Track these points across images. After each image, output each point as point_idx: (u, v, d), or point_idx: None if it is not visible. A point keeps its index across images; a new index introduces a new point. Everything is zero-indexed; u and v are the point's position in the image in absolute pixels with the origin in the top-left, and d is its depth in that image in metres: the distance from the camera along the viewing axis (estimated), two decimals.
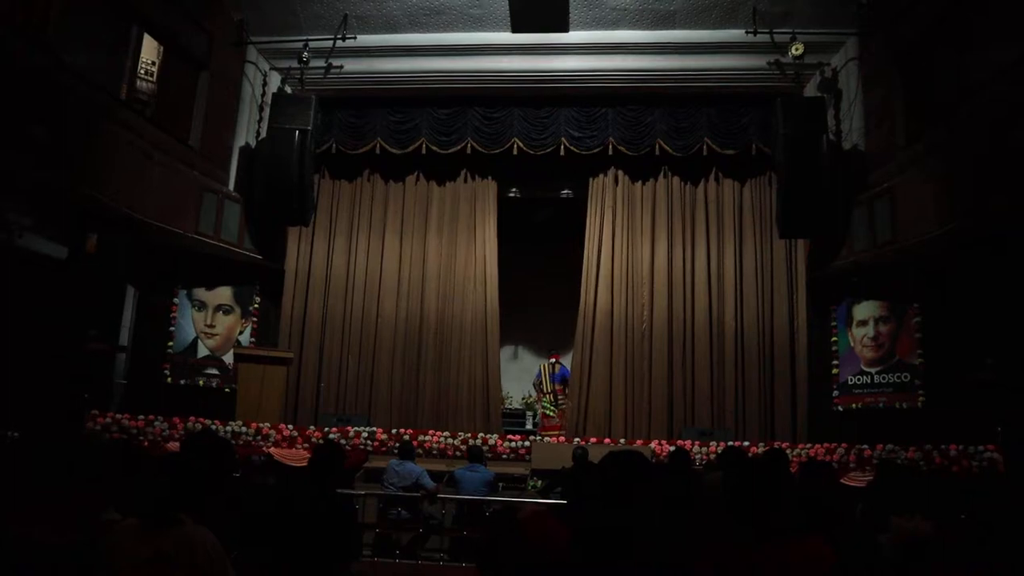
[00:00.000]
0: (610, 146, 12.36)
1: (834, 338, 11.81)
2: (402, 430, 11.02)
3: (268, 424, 10.59)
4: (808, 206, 10.57)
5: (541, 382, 12.93)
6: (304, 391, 12.59)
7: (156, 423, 10.46)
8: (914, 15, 10.10)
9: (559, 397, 12.74)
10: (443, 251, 13.23)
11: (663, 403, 12.12)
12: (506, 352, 15.60)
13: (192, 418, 10.58)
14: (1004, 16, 8.37)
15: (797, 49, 11.06)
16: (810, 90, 11.70)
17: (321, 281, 13.07)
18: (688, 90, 12.18)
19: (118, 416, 10.52)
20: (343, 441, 10.54)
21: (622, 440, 11.22)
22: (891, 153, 10.48)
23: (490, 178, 13.31)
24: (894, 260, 10.30)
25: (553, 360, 13.09)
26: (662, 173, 12.94)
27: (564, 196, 13.46)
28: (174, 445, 9.83)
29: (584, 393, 12.36)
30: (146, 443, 10.16)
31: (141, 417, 10.51)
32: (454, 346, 12.80)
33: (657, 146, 12.36)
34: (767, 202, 12.59)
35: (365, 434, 10.85)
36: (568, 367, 13.09)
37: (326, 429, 10.92)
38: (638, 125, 12.42)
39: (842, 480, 8.97)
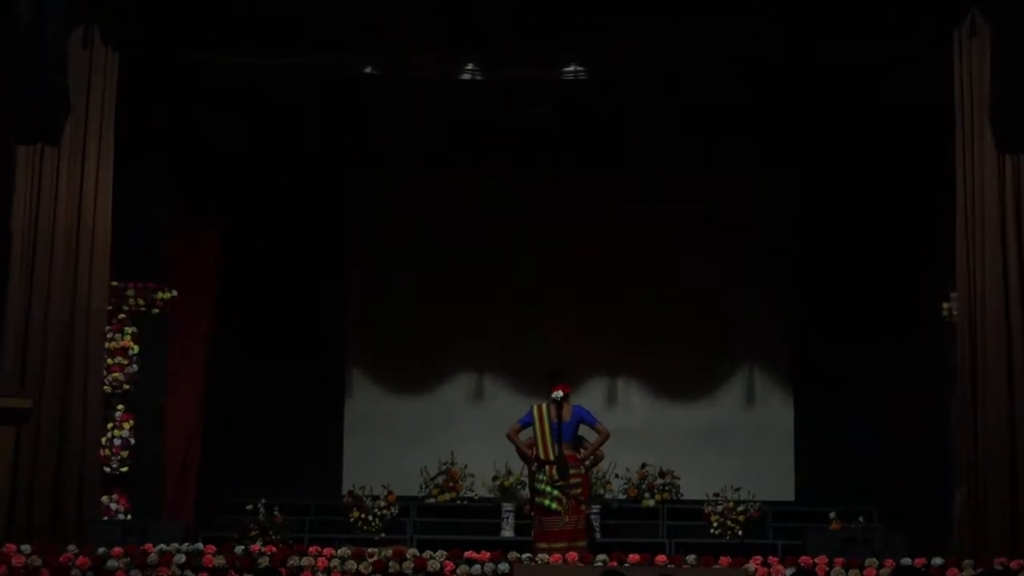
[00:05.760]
0: None
1: None
2: (258, 547, 5.99)
3: None
4: None
5: (535, 441, 6.81)
6: (52, 471, 6.68)
7: None
8: None
9: (571, 469, 6.72)
10: None
11: None
12: (462, 383, 9.74)
13: None
14: None
15: None
16: None
17: (87, 247, 6.97)
18: None
19: None
20: None
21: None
22: None
23: None
24: None
25: (559, 394, 6.79)
26: None
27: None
28: None
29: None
30: None
31: None
32: None
33: None
34: None
35: (182, 557, 5.72)
36: (586, 408, 7.09)
37: (101, 550, 5.80)
38: None
39: None
